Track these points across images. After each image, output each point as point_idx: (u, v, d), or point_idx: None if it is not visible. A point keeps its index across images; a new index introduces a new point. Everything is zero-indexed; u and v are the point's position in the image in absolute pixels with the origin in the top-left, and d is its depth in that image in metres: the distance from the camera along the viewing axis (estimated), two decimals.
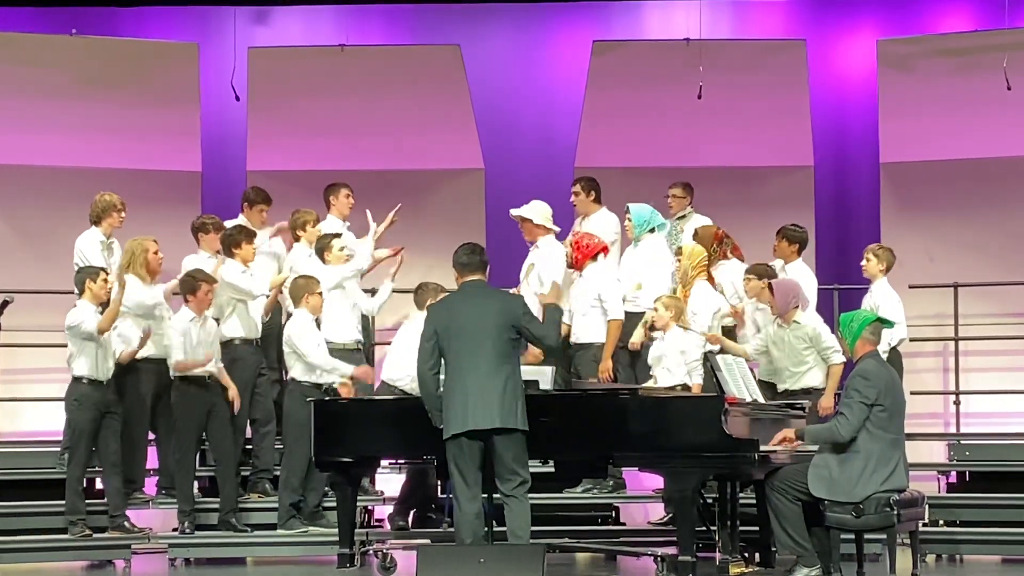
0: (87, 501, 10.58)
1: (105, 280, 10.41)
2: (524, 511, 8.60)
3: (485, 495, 8.84)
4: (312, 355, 10.40)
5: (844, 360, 10.00)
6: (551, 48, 14.24)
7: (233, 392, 10.61)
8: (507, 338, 8.65)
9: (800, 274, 10.85)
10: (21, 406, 12.56)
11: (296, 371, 10.52)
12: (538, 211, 10.89)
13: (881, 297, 10.73)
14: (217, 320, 10.80)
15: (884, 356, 10.06)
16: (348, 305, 10.91)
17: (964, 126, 12.74)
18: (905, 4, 13.86)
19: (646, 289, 10.69)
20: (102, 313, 10.34)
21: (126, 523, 10.52)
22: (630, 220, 10.89)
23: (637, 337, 10.58)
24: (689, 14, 13.32)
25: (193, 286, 10.51)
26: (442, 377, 8.75)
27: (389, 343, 11.21)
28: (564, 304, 10.70)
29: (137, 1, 13.68)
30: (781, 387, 10.30)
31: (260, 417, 10.91)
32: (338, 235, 11.09)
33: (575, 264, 10.64)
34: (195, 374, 10.49)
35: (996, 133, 12.67)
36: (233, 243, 10.98)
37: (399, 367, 10.70)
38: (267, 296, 11.02)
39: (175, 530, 10.69)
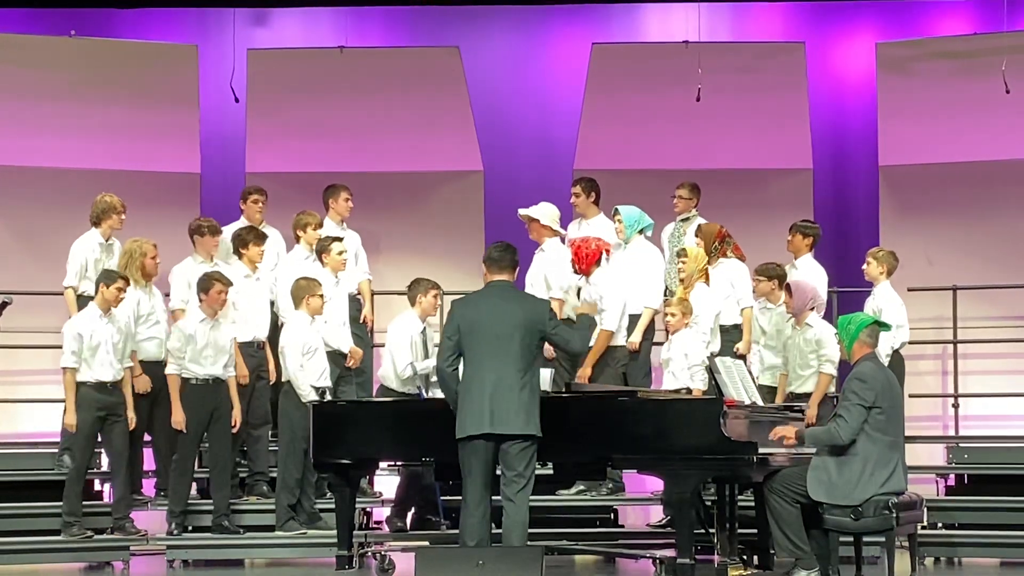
0: (87, 502, 10.57)
1: (120, 289, 10.34)
2: (523, 516, 8.56)
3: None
4: (292, 371, 10.38)
5: (835, 373, 10.03)
6: (550, 50, 14.23)
7: (237, 413, 10.59)
8: (529, 342, 8.56)
9: (810, 268, 10.89)
10: (19, 407, 12.55)
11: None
12: (546, 213, 10.87)
13: (883, 300, 10.73)
14: None
15: (887, 359, 10.10)
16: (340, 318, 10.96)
17: (963, 129, 12.75)
18: (904, 7, 13.86)
19: (636, 291, 10.69)
20: (106, 312, 10.37)
21: (128, 525, 10.51)
22: (620, 222, 10.88)
23: (636, 337, 10.59)
24: (688, 16, 13.30)
25: (207, 285, 10.49)
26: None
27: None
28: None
29: (136, 3, 13.65)
30: (787, 388, 10.32)
31: (255, 420, 10.89)
32: (339, 239, 11.08)
33: (581, 272, 10.58)
34: (200, 377, 10.48)
35: (995, 136, 12.68)
36: (241, 243, 11.02)
37: (386, 366, 10.76)
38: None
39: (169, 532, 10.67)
